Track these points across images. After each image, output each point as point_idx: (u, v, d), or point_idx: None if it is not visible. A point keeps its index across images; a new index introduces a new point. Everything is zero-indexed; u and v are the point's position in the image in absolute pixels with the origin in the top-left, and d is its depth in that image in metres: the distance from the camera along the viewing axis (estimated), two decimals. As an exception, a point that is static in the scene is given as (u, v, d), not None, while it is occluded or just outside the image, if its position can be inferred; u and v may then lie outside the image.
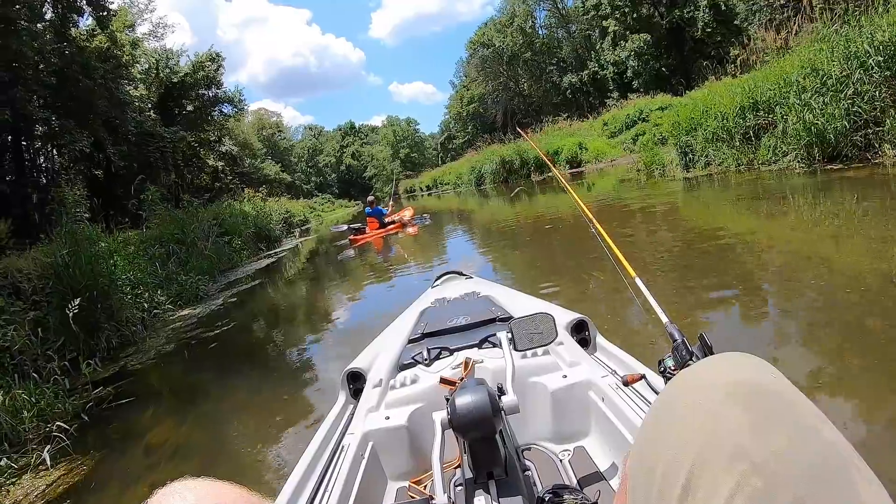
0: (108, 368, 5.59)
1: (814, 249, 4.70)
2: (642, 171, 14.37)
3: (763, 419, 0.38)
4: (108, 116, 16.48)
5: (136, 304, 7.41)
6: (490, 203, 20.09)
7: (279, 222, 21.30)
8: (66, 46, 15.01)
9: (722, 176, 10.03)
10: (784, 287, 3.99)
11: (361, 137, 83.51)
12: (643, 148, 16.70)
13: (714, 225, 6.69)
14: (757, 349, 2.77)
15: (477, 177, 29.97)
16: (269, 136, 57.73)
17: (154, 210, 11.77)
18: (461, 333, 2.14)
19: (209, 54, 25.61)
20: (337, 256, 13.51)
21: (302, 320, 7.04)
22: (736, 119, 10.09)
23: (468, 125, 54.89)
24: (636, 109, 25.47)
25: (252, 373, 4.90)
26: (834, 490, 0.34)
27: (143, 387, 4.98)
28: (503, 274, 6.97)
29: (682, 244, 6.02)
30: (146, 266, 8.81)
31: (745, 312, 3.68)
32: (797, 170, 8.57)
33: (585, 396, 1.64)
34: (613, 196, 11.95)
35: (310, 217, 33.66)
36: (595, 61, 39.92)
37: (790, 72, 9.12)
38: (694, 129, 11.08)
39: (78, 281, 6.07)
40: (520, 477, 1.11)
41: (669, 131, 12.19)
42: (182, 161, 21.92)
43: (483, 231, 12.68)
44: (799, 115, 8.59)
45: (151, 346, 6.29)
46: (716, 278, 4.42)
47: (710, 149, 10.61)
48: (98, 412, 4.39)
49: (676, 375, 0.48)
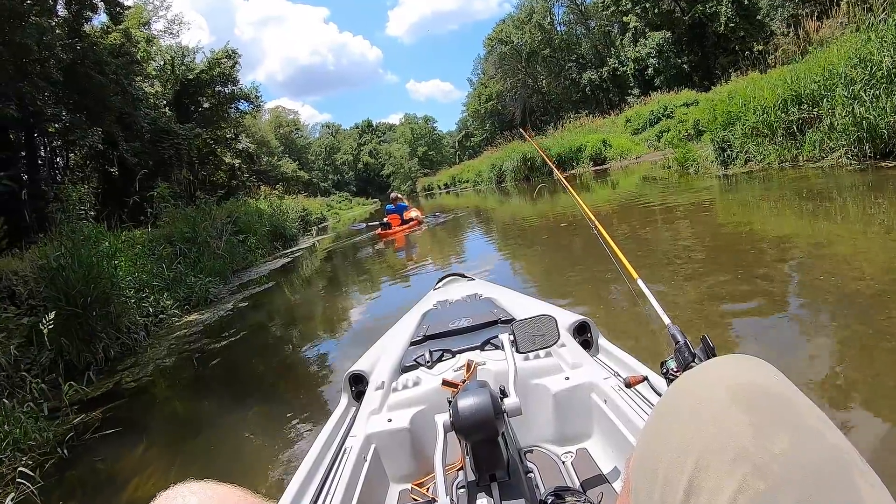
0: (103, 384, 5.05)
1: (866, 255, 4.16)
2: (673, 167, 13.71)
3: (765, 422, 0.38)
4: (122, 113, 16.25)
5: (139, 308, 6.91)
6: (511, 201, 19.43)
7: (296, 220, 20.91)
8: (78, 42, 14.72)
9: (764, 173, 9.35)
10: (830, 298, 3.47)
11: (379, 135, 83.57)
12: (675, 144, 16.25)
13: (757, 227, 6.12)
14: (799, 372, 2.51)
15: (497, 174, 29.29)
16: (287, 134, 57.87)
17: (164, 207, 11.37)
18: (463, 335, 2.13)
19: (225, 51, 25.37)
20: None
21: (313, 329, 6.43)
22: (778, 113, 9.45)
23: (486, 123, 54.65)
24: (660, 106, 24.92)
25: (255, 400, 4.27)
26: (836, 493, 0.34)
27: (134, 413, 4.37)
28: (519, 274, 6.87)
29: (716, 246, 5.52)
30: (152, 267, 8.31)
31: (784, 327, 3.20)
32: (848, 167, 7.94)
33: (588, 398, 1.63)
34: (642, 194, 11.33)
35: (327, 215, 33.38)
36: (615, 58, 39.30)
37: (836, 63, 8.56)
38: (731, 123, 10.41)
39: (72, 285, 5.57)
40: (522, 479, 1.10)
41: (706, 126, 11.50)
42: (198, 158, 21.67)
43: (502, 230, 12.36)
44: (847, 109, 8.04)
45: (151, 359, 5.73)
46: (749, 285, 3.99)
47: (750, 144, 9.94)
48: (79, 444, 3.76)
49: (679, 378, 0.48)
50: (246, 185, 26.19)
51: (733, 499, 0.35)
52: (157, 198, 11.41)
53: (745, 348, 2.98)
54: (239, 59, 25.54)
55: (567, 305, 4.46)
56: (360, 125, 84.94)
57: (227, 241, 11.94)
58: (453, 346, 1.99)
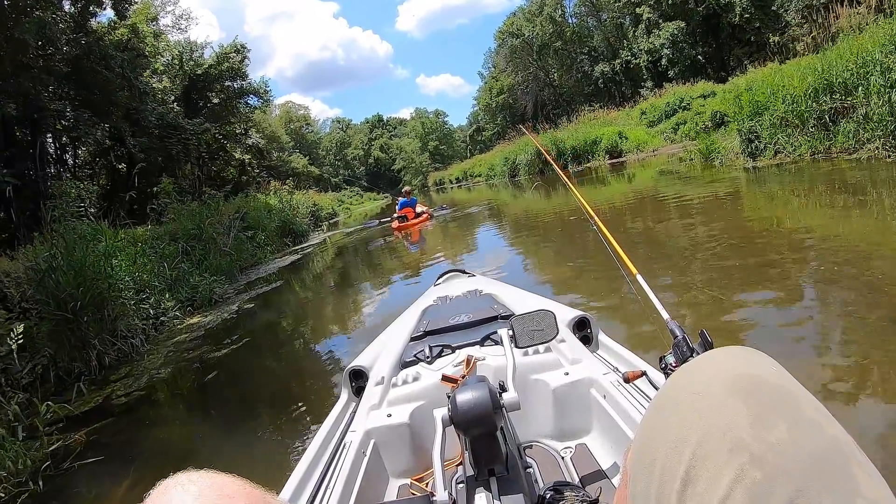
0: (93, 397, 4.63)
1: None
2: (695, 159, 13.22)
3: (763, 412, 0.38)
4: (129, 108, 15.99)
5: (139, 311, 6.51)
6: (525, 195, 18.90)
7: (306, 216, 20.57)
8: (83, 37, 14.46)
9: (795, 165, 8.86)
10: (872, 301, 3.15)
11: (389, 130, 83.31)
12: (696, 135, 15.77)
13: (791, 223, 5.72)
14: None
15: (511, 168, 28.72)
16: (297, 129, 57.74)
17: (168, 203, 11.02)
18: (463, 331, 2.12)
19: (234, 45, 25.16)
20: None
21: (320, 334, 6.06)
22: (808, 102, 8.96)
23: (497, 117, 54.30)
24: (676, 97, 24.36)
25: (255, 422, 3.83)
26: (833, 483, 0.34)
27: (121, 435, 3.90)
28: (527, 270, 6.81)
29: (746, 242, 5.14)
30: (154, 266, 7.88)
31: (814, 332, 2.98)
32: (886, 158, 7.46)
33: (587, 393, 1.61)
34: (663, 188, 10.84)
35: (338, 210, 33.08)
36: (627, 50, 38.63)
37: (871, 50, 8.12)
38: (759, 113, 9.92)
39: (62, 288, 5.15)
40: (521, 474, 1.09)
41: (732, 116, 10.99)
42: (207, 154, 21.41)
43: (513, 224, 12.11)
44: (884, 98, 7.63)
45: (147, 369, 5.26)
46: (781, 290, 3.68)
47: (779, 134, 9.45)
48: (57, 475, 3.34)
49: (677, 369, 0.48)
50: (256, 180, 25.95)
51: (730, 488, 0.34)
52: (160, 193, 11.09)
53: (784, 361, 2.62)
54: (248, 53, 25.38)
55: (572, 301, 4.38)
56: (371, 120, 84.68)
57: (234, 238, 11.62)
58: (453, 341, 1.98)
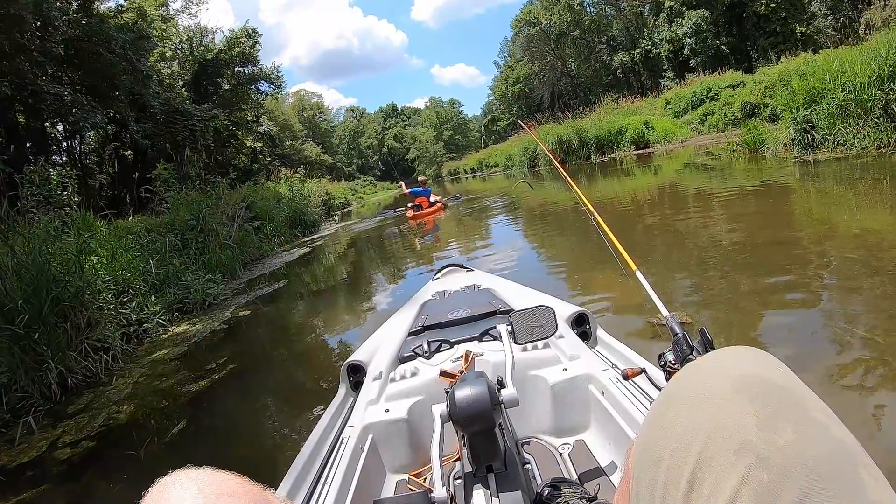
0: (38, 441, 3.61)
1: None
2: (737, 151, 12.28)
3: (770, 413, 0.38)
4: (133, 93, 15.31)
5: (117, 317, 5.63)
6: (545, 186, 17.96)
7: (318, 205, 19.76)
8: (84, 17, 13.74)
9: (859, 159, 7.90)
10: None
11: (404, 119, 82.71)
12: (726, 127, 14.85)
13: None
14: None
15: (530, 158, 27.78)
16: (310, 118, 57.09)
17: (166, 191, 10.21)
18: (461, 326, 2.08)
19: (245, 30, 24.47)
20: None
21: (324, 355, 4.99)
22: (873, 90, 8.01)
23: (513, 106, 53.76)
24: (703, 87, 23.51)
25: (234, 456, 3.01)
26: (840, 485, 0.34)
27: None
28: (534, 261, 6.69)
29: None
30: (139, 263, 6.93)
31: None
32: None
33: (585, 390, 1.60)
34: (713, 184, 9.89)
35: (351, 199, 32.37)
36: (648, 39, 37.63)
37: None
38: (815, 101, 8.95)
39: (11, 297, 4.29)
40: (519, 470, 1.07)
41: (784, 105, 10.00)
42: (216, 141, 20.70)
43: (528, 216, 11.58)
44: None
45: (108, 401, 4.18)
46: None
47: (839, 125, 8.48)
48: None
49: (684, 368, 0.47)
50: (268, 168, 25.31)
51: (737, 490, 0.34)
52: (157, 180, 10.29)
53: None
54: (259, 38, 24.67)
55: (571, 295, 4.31)
56: (385, 109, 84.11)
57: (239, 229, 10.85)
58: (451, 336, 1.95)
